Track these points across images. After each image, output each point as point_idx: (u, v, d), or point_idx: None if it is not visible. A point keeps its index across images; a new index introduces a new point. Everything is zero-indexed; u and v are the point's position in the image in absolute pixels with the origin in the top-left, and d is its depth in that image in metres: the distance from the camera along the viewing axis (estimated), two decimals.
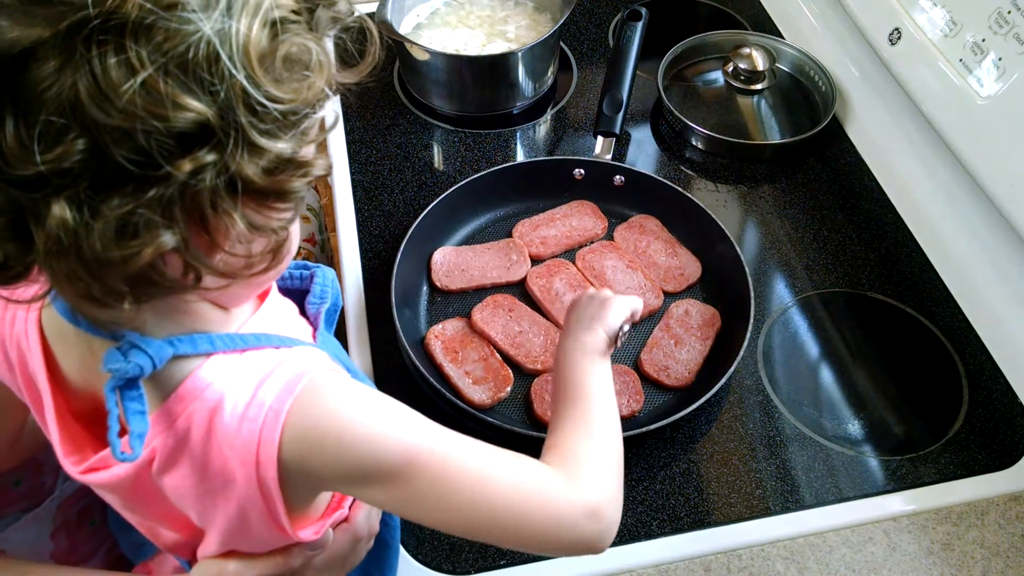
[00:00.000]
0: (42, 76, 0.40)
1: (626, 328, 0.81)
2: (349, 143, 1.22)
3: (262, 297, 0.61)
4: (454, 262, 1.06)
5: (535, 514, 0.60)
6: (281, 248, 0.53)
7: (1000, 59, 0.95)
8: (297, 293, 0.71)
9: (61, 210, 0.42)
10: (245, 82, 0.43)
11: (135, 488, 0.59)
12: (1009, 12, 0.93)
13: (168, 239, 0.44)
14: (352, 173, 1.18)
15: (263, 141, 0.45)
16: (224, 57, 0.43)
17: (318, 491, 0.63)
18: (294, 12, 0.47)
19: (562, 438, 0.67)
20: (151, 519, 0.65)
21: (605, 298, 0.81)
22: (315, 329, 0.68)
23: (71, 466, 0.60)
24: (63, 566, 0.75)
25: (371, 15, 1.22)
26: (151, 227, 0.44)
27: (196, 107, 0.42)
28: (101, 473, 0.59)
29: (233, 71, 0.43)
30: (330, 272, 0.74)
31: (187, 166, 0.43)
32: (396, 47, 1.25)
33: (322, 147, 0.52)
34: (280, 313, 0.63)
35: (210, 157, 0.44)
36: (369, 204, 1.15)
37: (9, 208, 0.43)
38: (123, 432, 0.52)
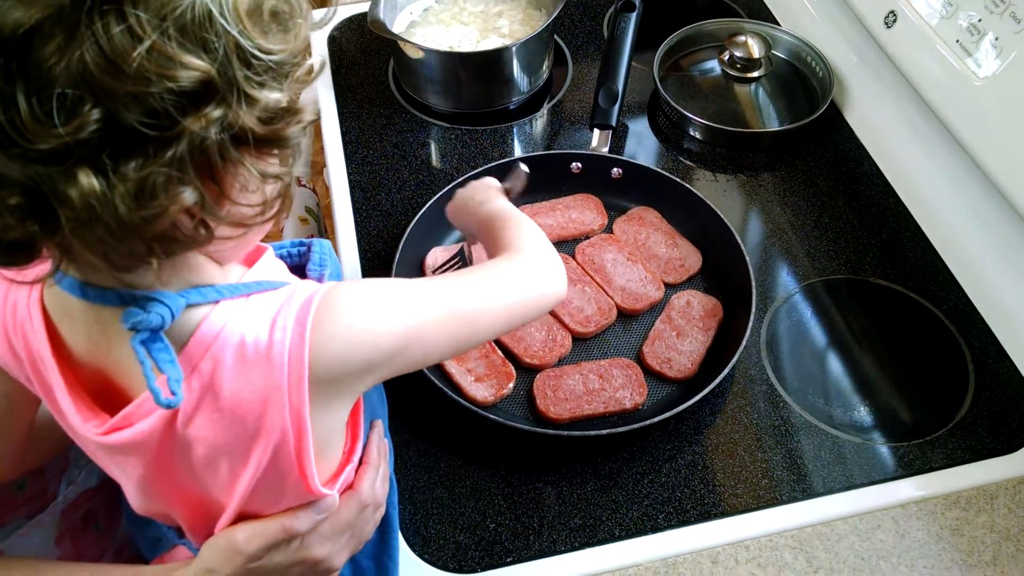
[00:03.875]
0: (49, 52, 0.42)
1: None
2: (345, 143, 1.22)
3: (252, 260, 0.63)
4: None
5: (523, 298, 0.71)
6: (288, 192, 0.56)
7: (997, 39, 0.94)
8: (296, 270, 0.72)
9: (87, 178, 0.44)
10: (239, 37, 0.46)
11: (159, 447, 0.59)
12: None
13: (189, 195, 0.47)
14: (349, 173, 1.18)
15: (258, 92, 0.48)
16: (217, 15, 0.45)
17: (352, 396, 0.64)
18: None
19: (503, 239, 0.78)
20: (166, 490, 0.65)
21: (487, 184, 0.91)
22: None
23: (92, 430, 0.60)
24: (73, 563, 0.74)
25: (363, 14, 1.22)
26: (171, 186, 0.46)
27: (199, 65, 0.45)
28: (125, 431, 0.59)
29: (227, 27, 0.46)
30: (326, 243, 0.75)
31: (197, 123, 0.46)
32: (390, 46, 1.25)
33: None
34: (275, 272, 0.65)
35: (216, 112, 0.46)
36: (367, 204, 1.14)
37: (27, 184, 0.44)
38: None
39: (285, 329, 0.56)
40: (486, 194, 0.88)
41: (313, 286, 0.59)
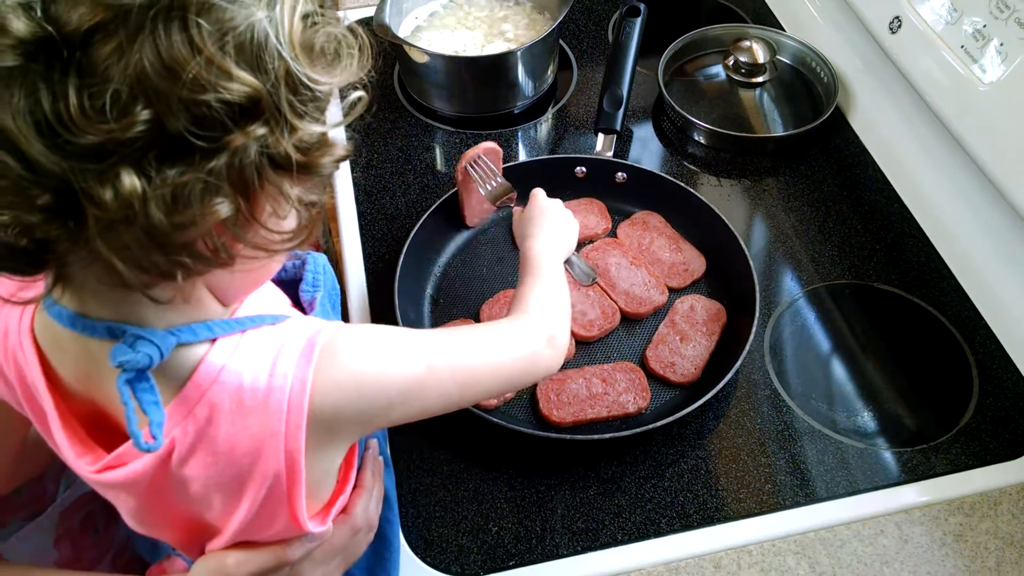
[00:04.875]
0: (109, 51, 0.43)
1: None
2: None
3: None
4: None
5: (516, 362, 0.71)
6: (318, 221, 0.56)
7: (1002, 45, 0.94)
8: (291, 284, 0.71)
9: (130, 177, 0.44)
10: (290, 62, 0.48)
11: (152, 484, 0.59)
12: None
13: (224, 208, 0.48)
14: (354, 177, 1.18)
15: (299, 121, 0.49)
16: (273, 39, 0.47)
17: (348, 443, 0.65)
18: (321, 5, 0.51)
19: (519, 295, 0.79)
20: (161, 519, 0.65)
21: (575, 227, 0.92)
22: (309, 315, 0.68)
23: (86, 467, 0.60)
24: (67, 570, 0.74)
25: (369, 19, 1.23)
26: (207, 196, 0.47)
27: (251, 81, 0.46)
28: (118, 471, 0.59)
29: (281, 51, 0.47)
30: (321, 258, 0.74)
31: (240, 139, 0.46)
32: (395, 50, 1.25)
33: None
34: (269, 299, 0.64)
35: (260, 131, 0.47)
36: (371, 208, 1.15)
37: (61, 180, 0.44)
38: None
39: (285, 375, 0.55)
40: (560, 239, 0.88)
41: (313, 325, 0.59)
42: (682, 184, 1.08)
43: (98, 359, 0.54)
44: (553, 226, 0.89)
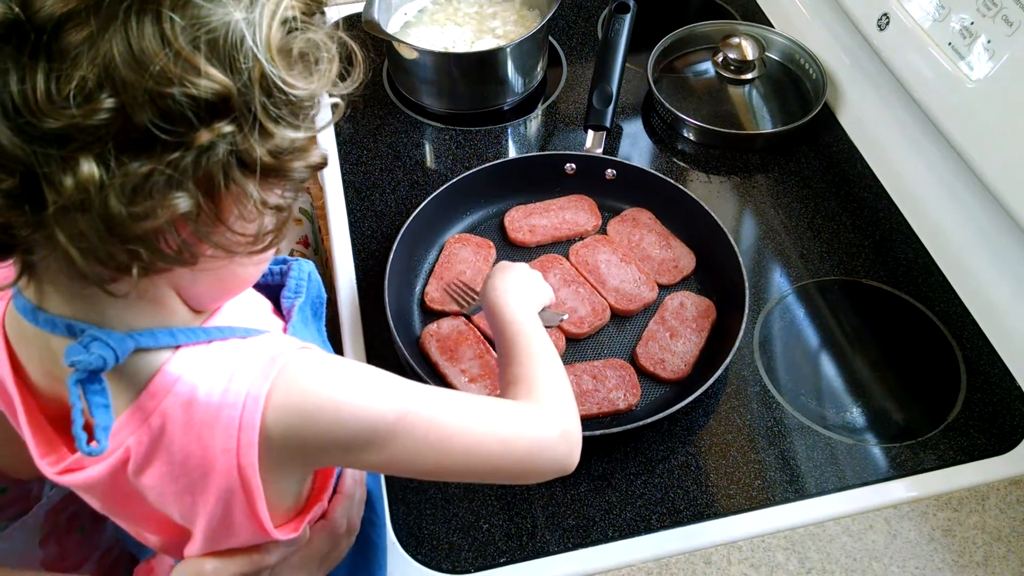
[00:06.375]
0: (80, 39, 0.43)
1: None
2: (339, 144, 1.22)
3: None
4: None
5: (518, 446, 0.64)
6: (284, 226, 0.55)
7: (989, 42, 0.94)
8: (276, 288, 0.71)
9: (88, 164, 0.44)
10: (265, 64, 0.47)
11: (112, 489, 0.59)
12: None
13: (183, 203, 0.47)
14: (343, 174, 1.18)
15: (273, 126, 0.49)
16: (249, 41, 0.47)
17: (304, 470, 0.62)
18: (304, 13, 0.51)
19: (520, 371, 0.72)
20: (132, 521, 0.65)
21: (545, 284, 0.89)
22: (287, 323, 0.67)
23: (47, 467, 0.59)
24: (52, 574, 0.74)
25: (358, 15, 1.22)
26: (168, 190, 0.46)
27: (221, 79, 0.45)
28: (77, 474, 0.58)
29: (256, 53, 0.47)
30: (307, 265, 0.73)
31: (206, 136, 0.46)
32: (384, 46, 1.25)
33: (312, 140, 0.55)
34: (247, 308, 0.63)
35: (228, 128, 0.46)
36: (361, 205, 1.14)
37: (25, 164, 0.44)
38: (87, 427, 0.52)
39: (239, 392, 0.54)
40: (532, 296, 0.84)
41: (282, 343, 0.57)
42: (672, 181, 1.08)
43: (59, 354, 0.53)
44: (520, 279, 0.85)
